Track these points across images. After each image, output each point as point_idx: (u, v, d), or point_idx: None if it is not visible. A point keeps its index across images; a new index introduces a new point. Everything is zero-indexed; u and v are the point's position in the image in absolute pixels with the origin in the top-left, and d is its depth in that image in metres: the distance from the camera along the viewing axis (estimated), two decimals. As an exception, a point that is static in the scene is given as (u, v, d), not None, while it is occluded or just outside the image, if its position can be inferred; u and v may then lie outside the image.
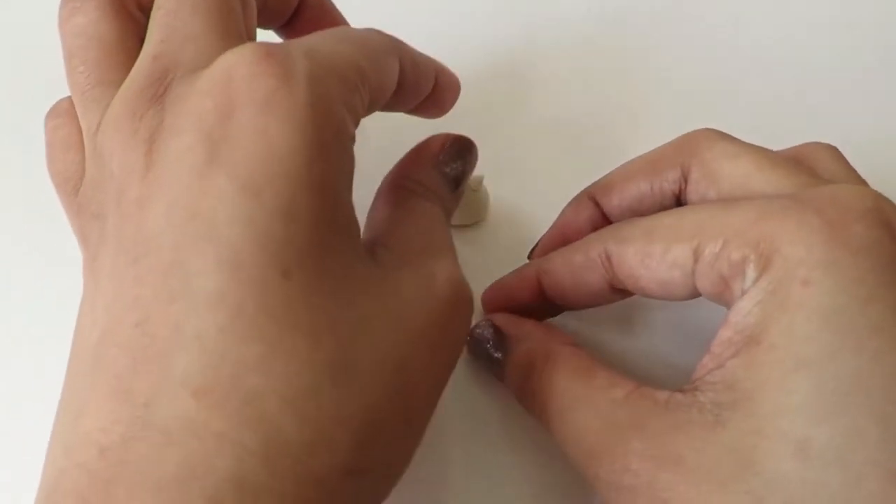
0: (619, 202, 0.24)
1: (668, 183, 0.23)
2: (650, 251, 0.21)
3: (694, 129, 0.24)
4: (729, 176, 0.22)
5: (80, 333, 0.19)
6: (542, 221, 0.27)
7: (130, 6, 0.21)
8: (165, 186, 0.18)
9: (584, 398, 0.21)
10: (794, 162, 0.22)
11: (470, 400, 0.26)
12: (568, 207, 0.26)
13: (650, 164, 0.24)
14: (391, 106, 0.23)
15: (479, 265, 0.27)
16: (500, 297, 0.27)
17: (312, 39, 0.20)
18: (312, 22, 0.26)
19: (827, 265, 0.18)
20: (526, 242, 0.27)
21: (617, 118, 0.32)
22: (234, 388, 0.16)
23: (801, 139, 0.24)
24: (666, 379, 0.22)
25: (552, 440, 0.22)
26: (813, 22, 0.36)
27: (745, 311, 0.19)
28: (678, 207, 0.23)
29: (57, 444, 0.18)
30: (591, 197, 0.25)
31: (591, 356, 0.23)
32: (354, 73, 0.20)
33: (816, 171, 0.22)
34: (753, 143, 0.23)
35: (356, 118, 0.20)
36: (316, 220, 0.18)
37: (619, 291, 0.23)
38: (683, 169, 0.23)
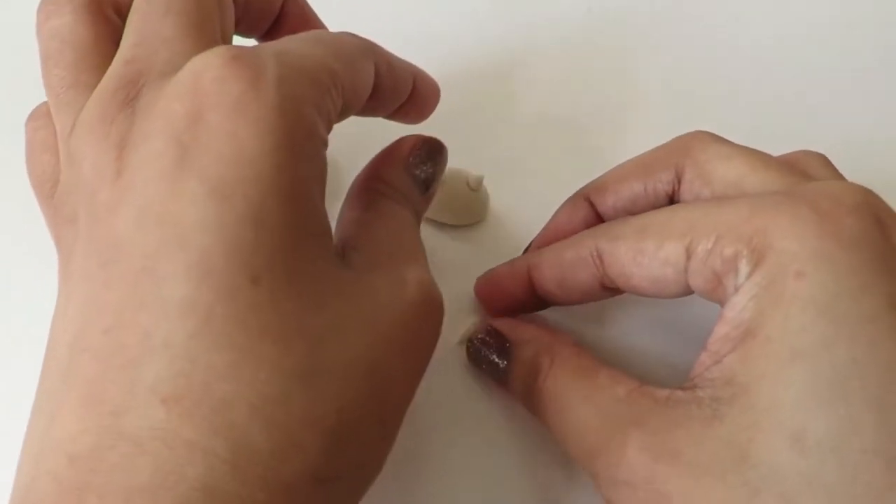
0: (613, 203, 0.25)
1: (661, 184, 0.23)
2: (642, 248, 0.21)
3: (693, 129, 0.24)
4: (722, 177, 0.22)
5: (53, 337, 0.19)
6: (541, 221, 0.27)
7: (107, 10, 0.21)
8: (136, 191, 0.17)
9: (586, 396, 0.21)
10: (786, 164, 0.22)
11: (469, 402, 0.26)
12: (562, 208, 0.26)
13: (644, 165, 0.24)
14: (368, 110, 0.23)
15: (479, 265, 0.27)
16: (491, 288, 0.27)
17: (283, 42, 0.20)
18: (294, 31, 0.25)
19: (820, 258, 0.18)
20: (525, 242, 0.27)
21: (617, 118, 0.32)
22: (204, 395, 0.16)
23: (800, 139, 0.24)
24: (667, 378, 0.22)
25: (552, 440, 0.22)
26: (813, 22, 0.36)
27: (739, 306, 0.19)
28: (670, 205, 0.23)
29: (29, 451, 0.18)
30: (585, 197, 0.25)
31: (593, 356, 0.23)
32: (326, 75, 0.19)
33: (808, 173, 0.22)
34: (753, 143, 0.23)
35: (328, 121, 0.20)
36: (286, 224, 0.17)
37: (609, 289, 0.23)
38: (677, 170, 0.23)
